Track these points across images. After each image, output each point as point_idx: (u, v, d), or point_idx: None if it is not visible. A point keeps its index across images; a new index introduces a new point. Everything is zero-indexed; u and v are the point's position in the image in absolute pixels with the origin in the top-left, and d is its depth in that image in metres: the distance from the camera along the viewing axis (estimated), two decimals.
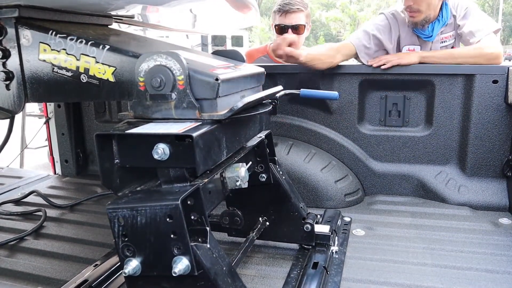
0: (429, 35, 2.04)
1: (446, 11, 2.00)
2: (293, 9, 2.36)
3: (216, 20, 2.07)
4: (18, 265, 1.42)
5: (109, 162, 0.90)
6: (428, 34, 2.03)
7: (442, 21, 2.01)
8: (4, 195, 2.16)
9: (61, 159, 2.49)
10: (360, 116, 2.06)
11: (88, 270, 1.33)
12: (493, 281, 1.28)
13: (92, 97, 1.09)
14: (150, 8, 1.52)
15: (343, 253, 1.45)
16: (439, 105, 1.93)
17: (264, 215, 1.45)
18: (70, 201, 2.02)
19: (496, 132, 1.86)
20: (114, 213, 0.86)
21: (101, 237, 1.63)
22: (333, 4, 35.32)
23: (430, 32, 2.03)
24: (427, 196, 1.97)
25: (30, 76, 1.12)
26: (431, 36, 2.03)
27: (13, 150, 2.96)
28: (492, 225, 1.68)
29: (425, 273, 1.33)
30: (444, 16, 2.00)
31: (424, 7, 1.93)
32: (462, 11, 2.00)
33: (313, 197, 1.92)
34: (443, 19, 2.00)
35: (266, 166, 1.36)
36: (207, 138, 0.90)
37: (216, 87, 0.93)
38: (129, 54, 1.01)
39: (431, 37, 2.04)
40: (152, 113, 0.96)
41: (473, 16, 1.97)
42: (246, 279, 1.30)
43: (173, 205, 0.83)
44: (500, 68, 1.81)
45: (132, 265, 0.86)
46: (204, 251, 0.87)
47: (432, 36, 2.03)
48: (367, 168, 2.06)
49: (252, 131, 1.24)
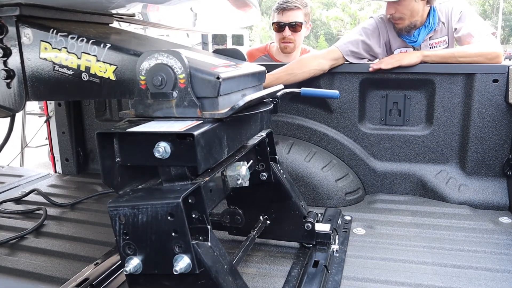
0: (414, 41, 2.05)
1: (434, 17, 2.01)
2: (290, 6, 2.38)
3: (216, 19, 2.07)
4: (19, 263, 1.42)
5: (110, 161, 0.90)
6: (414, 39, 2.04)
7: (429, 27, 2.02)
8: (5, 194, 2.16)
9: (61, 157, 2.49)
10: (361, 115, 2.06)
11: (89, 269, 1.33)
12: (493, 279, 1.28)
13: (93, 96, 1.09)
14: (150, 6, 1.52)
15: (344, 252, 1.45)
16: (439, 104, 1.93)
17: (265, 214, 1.45)
18: (70, 200, 2.02)
19: (496, 131, 1.86)
20: (115, 212, 0.86)
21: (102, 235, 1.63)
22: (334, 3, 35.30)
23: (415, 38, 2.04)
24: (427, 195, 1.97)
25: (31, 74, 1.12)
26: (416, 41, 2.05)
27: (14, 148, 2.96)
28: (492, 224, 1.68)
29: (425, 271, 1.33)
30: (430, 22, 2.01)
31: (407, 14, 1.94)
32: (456, 15, 2.00)
33: (314, 196, 1.92)
34: (429, 25, 2.02)
35: (267, 164, 1.36)
36: (208, 137, 0.90)
37: (217, 86, 0.93)
38: (130, 53, 1.01)
39: (416, 42, 2.05)
40: (153, 111, 0.96)
41: (470, 18, 1.97)
42: (247, 277, 1.30)
43: (174, 204, 0.83)
44: (500, 67, 1.81)
45: (133, 263, 0.86)
46: (205, 250, 0.87)
47: (417, 42, 2.05)
48: (368, 167, 2.06)
49: (253, 130, 1.24)
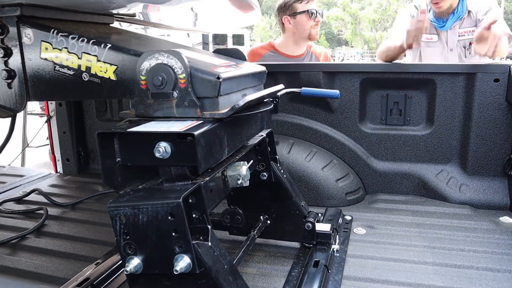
0: (442, 25, 2.21)
1: (462, 6, 2.15)
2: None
3: (217, 18, 2.07)
4: (20, 263, 1.43)
5: (110, 161, 0.90)
6: (442, 24, 2.20)
7: (457, 14, 2.16)
8: (6, 194, 2.17)
9: (62, 157, 2.49)
10: (361, 115, 2.06)
11: (90, 268, 1.34)
12: (494, 279, 1.28)
13: (94, 96, 1.09)
14: (151, 6, 1.52)
15: (344, 252, 1.45)
16: (440, 103, 1.93)
17: (265, 214, 1.45)
18: (71, 200, 2.03)
19: (497, 130, 1.86)
20: (115, 211, 0.86)
21: (102, 235, 1.64)
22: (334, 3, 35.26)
23: (444, 23, 2.20)
24: (428, 194, 1.97)
25: (31, 74, 1.12)
26: (444, 26, 2.21)
27: (15, 148, 2.97)
28: (493, 224, 1.68)
29: (426, 271, 1.33)
30: (459, 10, 2.16)
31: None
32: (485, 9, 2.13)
33: (314, 196, 1.92)
34: (457, 13, 2.16)
35: (267, 164, 1.36)
36: (209, 137, 0.90)
37: (218, 86, 0.94)
38: (131, 53, 1.01)
39: (444, 27, 2.21)
40: (154, 111, 0.96)
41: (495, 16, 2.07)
42: (247, 277, 1.30)
43: (174, 203, 0.83)
44: (501, 66, 1.81)
45: (134, 263, 0.86)
46: (205, 249, 0.87)
47: (445, 27, 2.20)
48: (368, 167, 2.06)
49: (253, 130, 1.24)
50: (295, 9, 2.59)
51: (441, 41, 2.31)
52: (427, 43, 2.34)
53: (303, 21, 2.59)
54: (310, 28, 2.62)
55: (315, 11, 2.58)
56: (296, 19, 2.59)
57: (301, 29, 2.62)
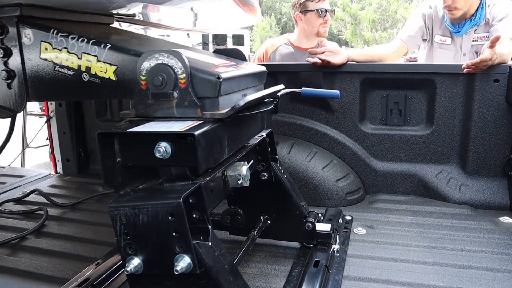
0: (457, 31, 2.16)
1: (481, 13, 2.11)
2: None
3: (217, 19, 2.07)
4: (20, 263, 1.42)
5: (110, 161, 0.90)
6: (458, 30, 2.15)
7: (475, 21, 2.12)
8: (6, 194, 2.17)
9: (62, 158, 2.49)
10: (362, 115, 2.06)
11: (90, 269, 1.33)
12: (494, 279, 1.28)
13: (94, 96, 1.09)
14: (151, 7, 1.52)
15: (344, 252, 1.45)
16: (440, 104, 1.93)
17: (265, 214, 1.45)
18: (71, 200, 2.03)
19: (497, 131, 1.86)
20: (116, 212, 0.86)
21: (102, 235, 1.64)
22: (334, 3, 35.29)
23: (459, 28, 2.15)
24: (428, 194, 1.97)
25: (31, 75, 1.12)
26: (459, 32, 2.16)
27: (15, 149, 2.96)
28: (493, 224, 1.68)
29: (426, 271, 1.33)
30: (477, 17, 2.11)
31: (461, 4, 2.04)
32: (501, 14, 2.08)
33: (315, 196, 1.92)
34: (475, 19, 2.12)
35: (268, 164, 1.36)
36: (209, 137, 0.90)
37: (218, 86, 0.93)
38: (131, 53, 1.01)
39: (459, 32, 2.16)
40: (154, 111, 0.96)
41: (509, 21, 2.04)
42: (247, 277, 1.30)
43: (175, 204, 0.83)
44: (501, 67, 1.81)
45: (134, 263, 0.86)
46: (206, 249, 0.87)
47: (460, 32, 2.15)
48: (368, 167, 2.06)
49: (253, 130, 1.24)
50: (306, 7, 2.72)
51: (455, 45, 2.27)
52: (441, 44, 2.31)
53: (312, 18, 2.70)
54: (318, 26, 2.73)
55: (324, 10, 2.68)
56: (307, 16, 2.71)
57: (310, 26, 2.74)
